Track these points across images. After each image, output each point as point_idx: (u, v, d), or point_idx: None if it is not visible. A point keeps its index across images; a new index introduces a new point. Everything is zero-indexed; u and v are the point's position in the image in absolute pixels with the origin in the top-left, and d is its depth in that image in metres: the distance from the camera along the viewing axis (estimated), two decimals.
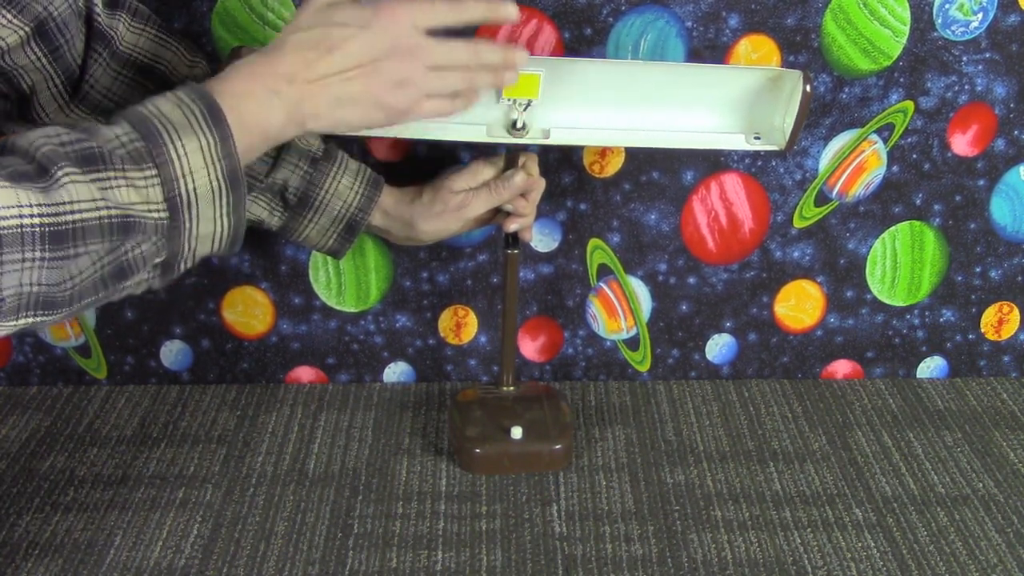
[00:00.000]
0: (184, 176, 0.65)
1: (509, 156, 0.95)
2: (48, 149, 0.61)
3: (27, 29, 0.74)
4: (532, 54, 0.99)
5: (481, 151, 1.02)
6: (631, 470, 1.03)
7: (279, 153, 0.89)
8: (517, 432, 1.00)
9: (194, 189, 0.65)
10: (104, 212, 0.61)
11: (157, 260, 0.67)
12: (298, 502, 0.98)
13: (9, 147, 0.62)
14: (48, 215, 0.59)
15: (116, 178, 0.62)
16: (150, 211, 0.64)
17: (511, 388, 1.07)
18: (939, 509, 0.99)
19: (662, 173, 1.07)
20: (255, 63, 0.70)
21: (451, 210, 0.94)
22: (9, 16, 0.73)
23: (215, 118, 0.66)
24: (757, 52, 1.01)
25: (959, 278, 1.15)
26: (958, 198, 1.10)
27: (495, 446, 1.01)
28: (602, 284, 1.13)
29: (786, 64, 1.01)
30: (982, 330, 1.18)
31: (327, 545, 0.93)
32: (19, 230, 0.58)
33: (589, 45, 1.00)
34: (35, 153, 0.61)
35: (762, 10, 0.99)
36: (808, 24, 1.00)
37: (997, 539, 0.95)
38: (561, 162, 1.05)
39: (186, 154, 0.65)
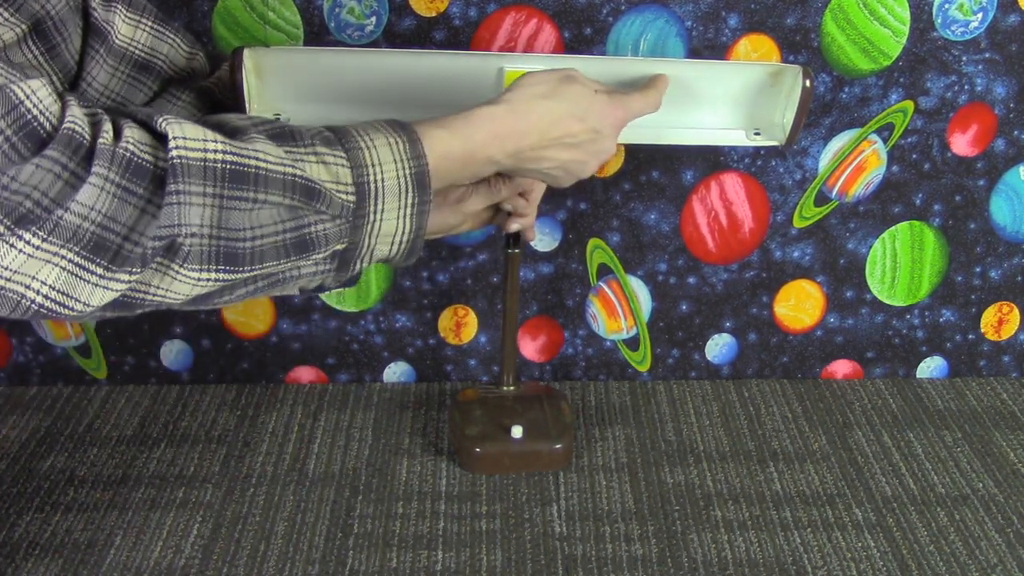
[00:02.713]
0: (373, 166, 0.66)
1: None
2: (241, 122, 0.63)
3: (24, 27, 0.74)
4: (532, 53, 0.99)
5: None
6: (631, 470, 1.03)
7: None
8: (517, 431, 1.00)
9: (382, 180, 0.67)
10: (290, 170, 0.62)
11: (338, 246, 0.67)
12: (298, 502, 0.98)
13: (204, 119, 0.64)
14: (232, 154, 0.60)
15: (307, 153, 0.64)
16: (338, 190, 0.65)
17: (511, 388, 1.07)
18: (939, 509, 0.99)
19: (662, 173, 1.07)
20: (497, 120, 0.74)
21: (449, 204, 0.93)
22: (6, 14, 0.73)
23: (401, 126, 0.69)
24: (757, 52, 1.01)
25: (959, 278, 1.15)
26: (958, 198, 1.10)
27: (495, 445, 1.01)
28: (602, 284, 1.13)
29: (786, 64, 1.01)
30: (982, 330, 1.18)
31: (327, 545, 0.93)
32: (202, 163, 0.58)
33: (589, 45, 1.00)
34: (228, 123, 0.63)
35: (762, 10, 0.99)
36: (808, 24, 1.00)
37: (997, 539, 0.95)
38: None
39: (375, 147, 0.67)
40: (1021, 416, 1.14)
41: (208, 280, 0.61)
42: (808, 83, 0.84)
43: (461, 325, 1.14)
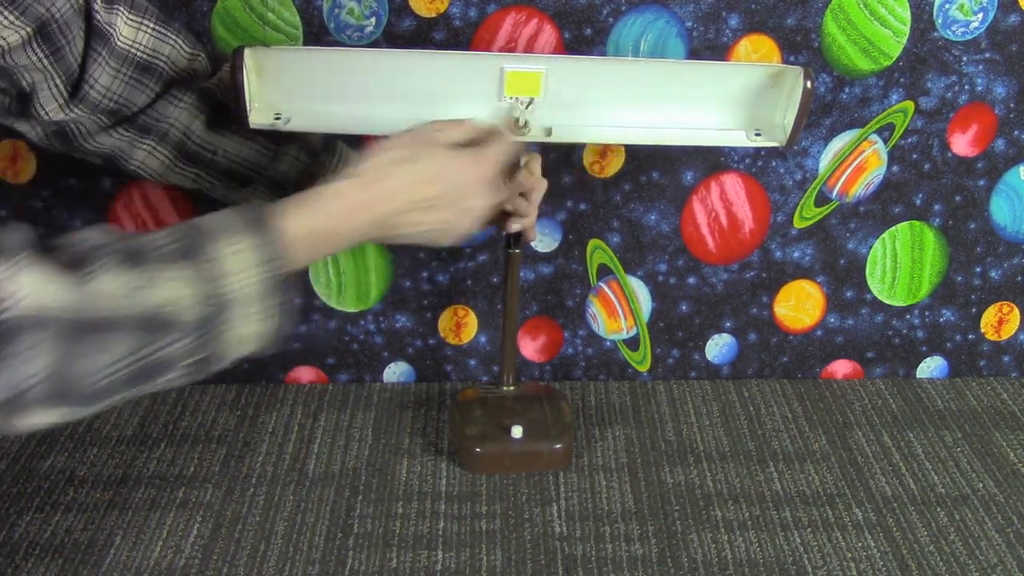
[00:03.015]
0: (229, 275, 0.65)
1: None
2: (91, 244, 0.62)
3: (29, 30, 0.74)
4: (532, 54, 0.99)
5: None
6: (631, 470, 1.03)
7: (279, 146, 0.89)
8: (517, 431, 1.00)
9: (239, 288, 0.66)
10: (136, 306, 0.62)
11: (192, 359, 0.66)
12: (298, 502, 0.98)
13: (56, 243, 0.63)
14: (72, 305, 0.59)
15: (157, 273, 0.63)
16: (191, 306, 0.64)
17: (511, 388, 1.07)
18: (939, 509, 0.99)
19: (662, 173, 1.07)
20: (357, 195, 0.74)
21: None
22: (11, 17, 0.73)
23: (259, 225, 0.67)
24: (757, 52, 1.01)
25: (959, 278, 1.15)
26: (958, 198, 1.10)
27: (495, 445, 1.01)
28: (602, 284, 1.13)
29: (786, 64, 1.01)
30: (982, 330, 1.18)
31: (327, 545, 0.93)
32: (39, 319, 0.58)
33: (589, 45, 1.00)
34: (78, 246, 0.62)
35: (762, 10, 0.99)
36: (808, 24, 1.00)
37: (997, 539, 0.95)
38: (561, 162, 1.05)
39: (231, 254, 0.66)
40: (1021, 416, 1.14)
41: (54, 418, 0.61)
42: (809, 84, 0.84)
43: (461, 325, 1.14)
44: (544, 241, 1.10)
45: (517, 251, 0.99)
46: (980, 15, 1.01)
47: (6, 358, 0.58)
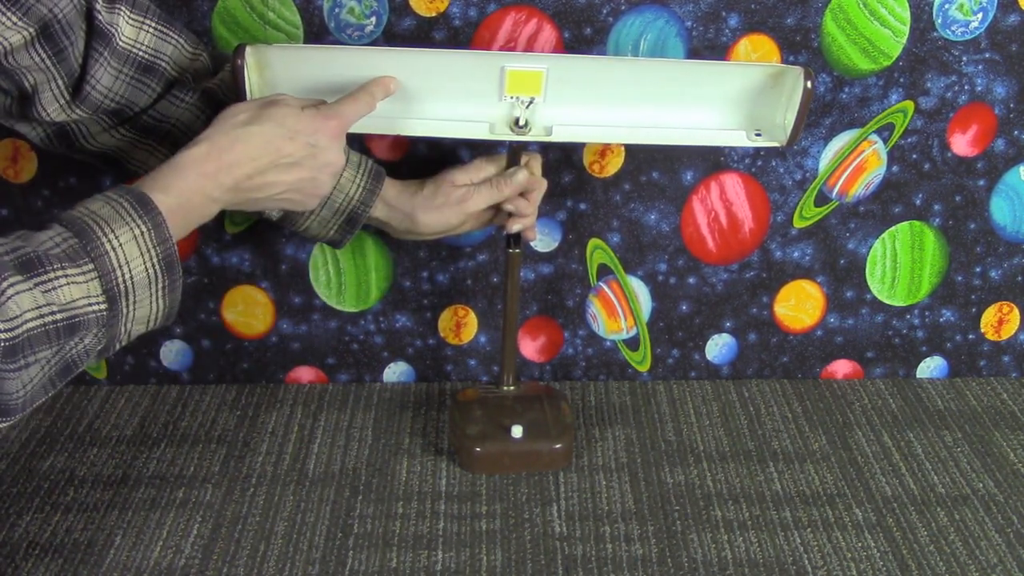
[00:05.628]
0: (120, 266, 0.67)
1: (511, 154, 0.95)
2: None
3: (32, 30, 0.74)
4: (533, 52, 0.99)
5: (482, 150, 1.02)
6: (631, 470, 1.03)
7: None
8: (518, 431, 1.00)
9: (131, 278, 0.68)
10: (50, 318, 0.63)
11: (100, 347, 0.68)
12: (298, 502, 0.98)
13: None
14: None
15: (57, 278, 0.64)
16: (90, 304, 0.66)
17: (511, 388, 1.07)
18: (939, 509, 0.99)
19: (662, 173, 1.07)
20: (203, 164, 0.74)
21: (452, 203, 0.94)
22: (14, 18, 0.73)
23: (145, 207, 0.69)
24: (757, 52, 1.01)
25: (959, 278, 1.15)
26: (958, 198, 1.10)
27: (496, 445, 1.01)
28: (602, 284, 1.13)
29: (786, 64, 1.01)
30: (982, 330, 1.18)
31: (327, 545, 0.93)
32: None
33: (589, 45, 1.00)
34: None
35: (762, 10, 0.99)
36: (808, 24, 1.00)
37: (997, 539, 0.95)
38: (561, 162, 1.05)
39: (120, 245, 0.67)
40: (1021, 416, 1.14)
41: None
42: (809, 84, 0.84)
43: (461, 325, 1.14)
44: (544, 241, 1.10)
45: (517, 251, 0.99)
46: (980, 15, 1.01)
47: None
